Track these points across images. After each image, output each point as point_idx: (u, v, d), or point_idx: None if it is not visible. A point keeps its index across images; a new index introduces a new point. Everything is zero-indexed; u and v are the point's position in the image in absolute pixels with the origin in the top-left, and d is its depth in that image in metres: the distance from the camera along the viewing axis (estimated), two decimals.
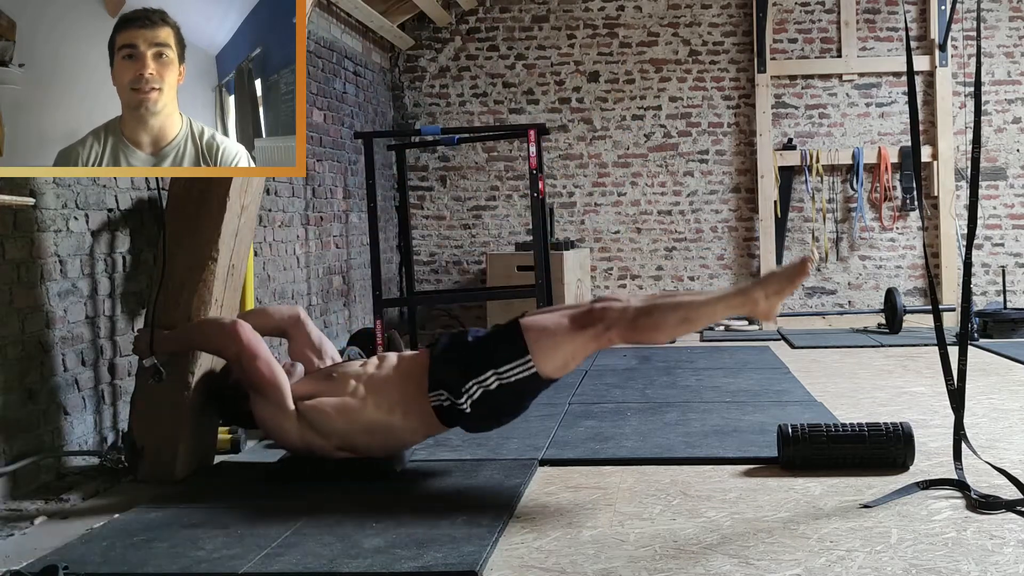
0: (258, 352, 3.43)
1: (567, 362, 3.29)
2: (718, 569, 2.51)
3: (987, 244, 8.12)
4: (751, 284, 3.29)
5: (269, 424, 3.47)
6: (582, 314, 3.27)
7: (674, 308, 3.26)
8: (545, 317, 3.32)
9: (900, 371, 5.73)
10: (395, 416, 3.39)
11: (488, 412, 3.34)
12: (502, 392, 3.27)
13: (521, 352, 3.23)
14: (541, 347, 3.23)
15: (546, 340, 3.24)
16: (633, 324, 3.23)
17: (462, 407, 3.29)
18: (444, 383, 3.31)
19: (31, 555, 2.76)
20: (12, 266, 3.39)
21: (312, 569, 2.56)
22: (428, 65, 8.43)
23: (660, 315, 3.24)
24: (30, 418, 3.44)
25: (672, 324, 3.25)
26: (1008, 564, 2.49)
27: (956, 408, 3.22)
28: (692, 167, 8.31)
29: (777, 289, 3.23)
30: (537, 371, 3.25)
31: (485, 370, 3.26)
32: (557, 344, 3.24)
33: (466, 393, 3.28)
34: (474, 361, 3.29)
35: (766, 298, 3.23)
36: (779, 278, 3.25)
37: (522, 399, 3.38)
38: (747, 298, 3.25)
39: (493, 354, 3.27)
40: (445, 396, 3.31)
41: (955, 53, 8.07)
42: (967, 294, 3.24)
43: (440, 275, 8.47)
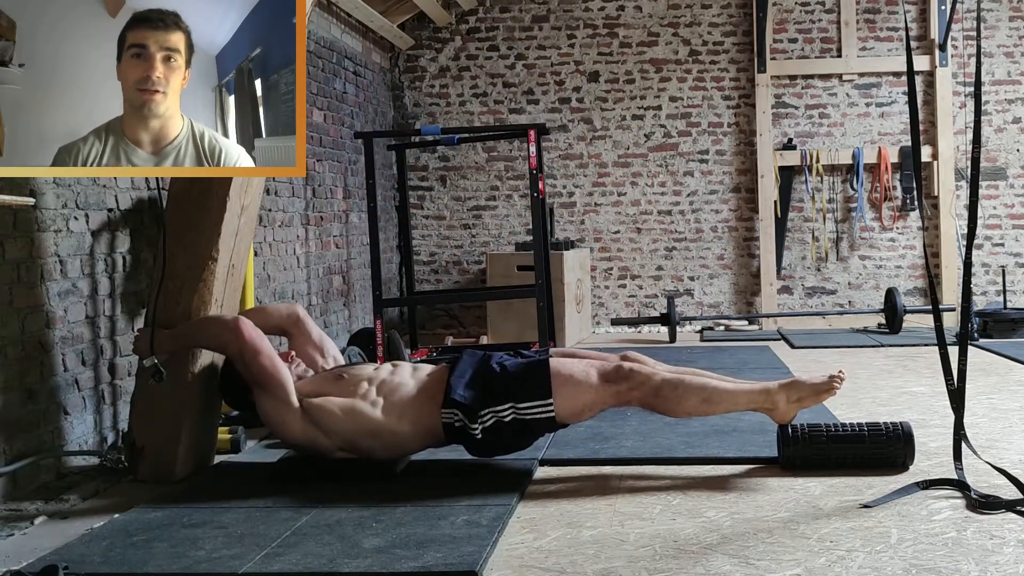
0: (260, 348, 3.43)
1: (583, 411, 3.39)
2: (718, 569, 2.51)
3: (987, 244, 8.12)
4: (778, 386, 3.43)
5: (272, 419, 3.47)
6: (611, 371, 3.38)
7: (699, 389, 3.38)
8: (574, 364, 3.41)
9: (900, 371, 5.73)
10: (403, 425, 3.41)
11: (496, 441, 3.40)
12: (515, 425, 3.35)
13: (545, 394, 3.32)
14: (565, 394, 3.33)
15: (571, 388, 3.34)
16: (656, 392, 3.36)
17: (474, 432, 3.35)
18: (461, 405, 3.35)
19: (31, 555, 2.76)
20: (12, 266, 3.39)
21: (312, 569, 2.56)
22: (428, 65, 8.43)
23: (684, 391, 3.36)
24: (30, 418, 3.45)
25: (693, 403, 3.38)
26: (1008, 564, 2.49)
27: (956, 408, 3.22)
28: (692, 167, 8.31)
29: (800, 398, 3.43)
30: (555, 416, 3.35)
31: (505, 402, 3.33)
32: (580, 394, 3.34)
33: (480, 420, 3.34)
34: (497, 391, 3.35)
35: (787, 403, 3.43)
36: (806, 390, 3.43)
37: (532, 437, 3.47)
38: (770, 399, 3.42)
39: (517, 389, 3.34)
40: (458, 417, 3.35)
41: (955, 53, 8.07)
42: (967, 294, 3.24)
43: (440, 275, 8.47)
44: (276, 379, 3.42)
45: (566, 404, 3.35)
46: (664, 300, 8.10)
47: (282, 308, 3.89)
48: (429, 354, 6.51)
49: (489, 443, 3.40)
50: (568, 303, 7.31)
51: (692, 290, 8.31)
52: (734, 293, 8.32)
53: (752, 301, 8.28)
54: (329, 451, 3.46)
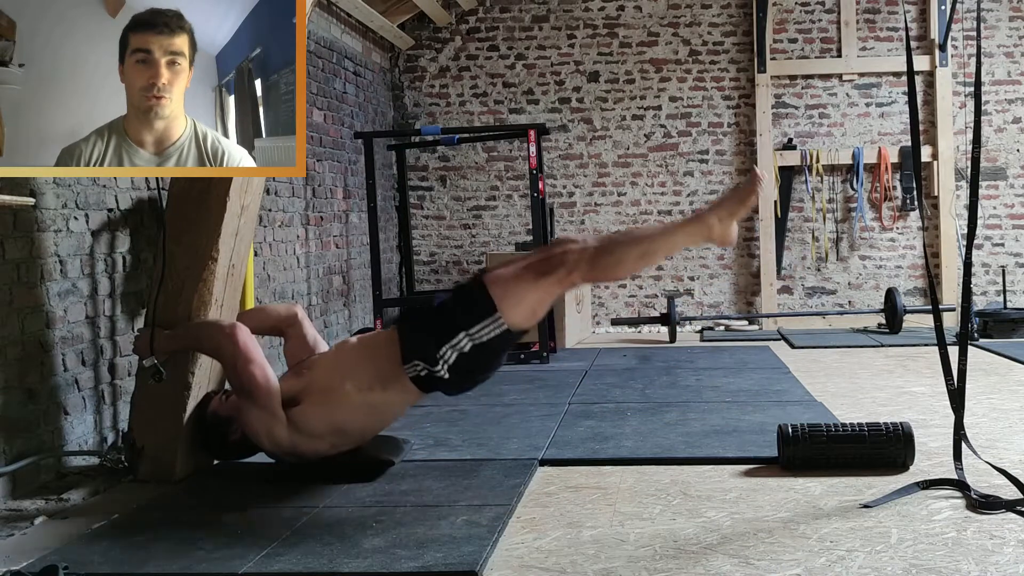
0: (253, 357, 3.40)
1: (535, 310, 3.32)
2: (718, 569, 2.51)
3: (987, 244, 8.12)
4: (704, 209, 3.35)
5: (258, 429, 3.41)
6: (542, 261, 3.29)
7: (634, 243, 3.30)
8: (507, 271, 3.33)
9: (900, 371, 5.73)
10: (375, 393, 3.38)
11: (466, 374, 3.35)
12: (477, 352, 3.28)
13: (490, 310, 3.25)
14: (508, 302, 3.26)
15: (512, 294, 3.26)
16: (593, 264, 3.26)
17: (439, 374, 3.30)
18: (418, 353, 3.31)
19: (31, 555, 2.76)
20: (12, 266, 3.39)
21: (312, 569, 2.56)
22: (428, 65, 8.43)
23: (620, 251, 3.27)
24: (30, 418, 3.45)
25: (633, 259, 3.29)
26: (1008, 564, 2.49)
27: (956, 408, 3.22)
28: (692, 167, 8.31)
29: (730, 211, 3.29)
30: (508, 327, 3.27)
31: (456, 333, 3.26)
32: (523, 296, 3.26)
33: (441, 359, 3.28)
34: (444, 326, 3.29)
35: (720, 222, 3.29)
36: (730, 200, 3.32)
37: (497, 355, 3.40)
38: (702, 224, 3.30)
39: (462, 317, 3.28)
40: (421, 366, 3.31)
41: (955, 53, 8.07)
42: (967, 294, 3.24)
43: (440, 275, 8.47)
44: (264, 389, 3.37)
45: (514, 311, 3.27)
46: (664, 300, 8.10)
47: (281, 309, 3.86)
48: None
49: (460, 379, 3.36)
50: (568, 303, 7.31)
51: (692, 290, 8.31)
52: (734, 293, 8.32)
53: (752, 301, 8.28)
54: (323, 452, 3.45)
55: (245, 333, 3.45)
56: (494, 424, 4.39)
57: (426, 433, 4.23)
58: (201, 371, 3.66)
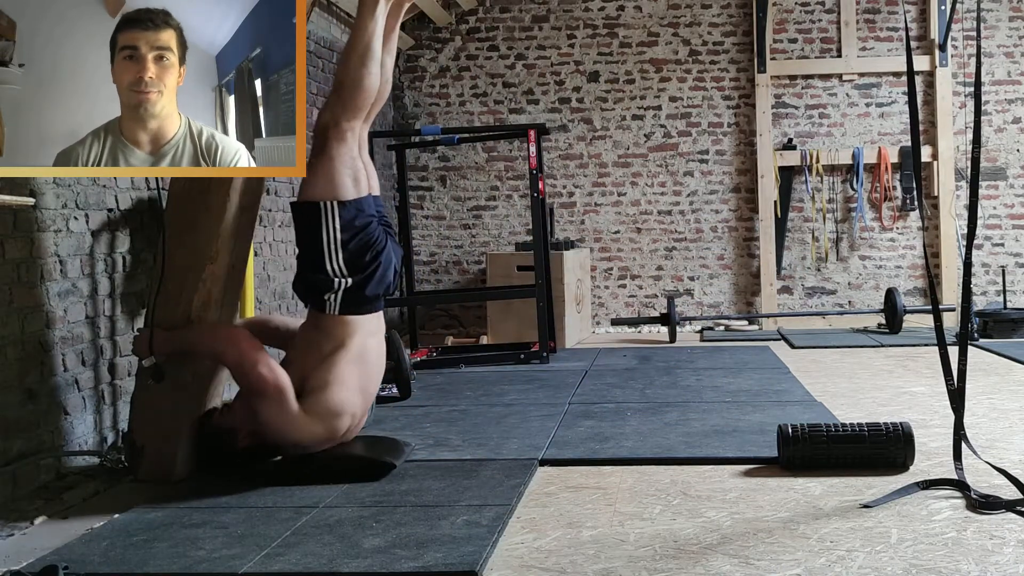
0: (258, 359, 3.41)
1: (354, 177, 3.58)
2: (718, 569, 2.51)
3: (987, 244, 8.12)
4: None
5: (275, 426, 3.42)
6: (315, 139, 3.60)
7: (346, 56, 3.61)
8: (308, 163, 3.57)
9: (900, 371, 5.73)
10: (333, 342, 3.53)
11: (358, 264, 3.55)
12: (348, 242, 3.52)
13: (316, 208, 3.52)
14: (323, 189, 3.52)
15: (320, 177, 3.53)
16: (338, 99, 3.57)
17: (341, 285, 3.52)
18: (313, 289, 3.55)
19: (31, 555, 2.76)
20: (12, 266, 3.39)
21: (312, 569, 2.56)
22: (428, 65, 8.43)
23: (343, 72, 3.58)
24: (30, 418, 3.44)
25: (356, 65, 3.57)
26: (1008, 564, 2.49)
27: (956, 408, 3.22)
28: (692, 167, 8.31)
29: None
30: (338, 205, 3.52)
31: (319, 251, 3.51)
32: (329, 172, 3.54)
33: (331, 273, 3.52)
34: (309, 258, 3.55)
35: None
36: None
37: (364, 230, 3.58)
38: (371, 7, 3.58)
39: (312, 237, 3.53)
40: (327, 295, 3.53)
41: (955, 53, 8.07)
42: (967, 294, 3.24)
43: (440, 275, 8.47)
44: (275, 387, 3.39)
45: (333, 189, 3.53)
46: (664, 300, 8.10)
47: (291, 325, 3.82)
48: (429, 354, 6.52)
49: (358, 272, 3.54)
50: (568, 303, 7.31)
51: (692, 290, 8.31)
52: (734, 293, 8.32)
53: (752, 301, 8.28)
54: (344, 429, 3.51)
55: (245, 337, 3.46)
56: (494, 424, 4.39)
57: (426, 433, 4.23)
58: (201, 372, 3.66)
